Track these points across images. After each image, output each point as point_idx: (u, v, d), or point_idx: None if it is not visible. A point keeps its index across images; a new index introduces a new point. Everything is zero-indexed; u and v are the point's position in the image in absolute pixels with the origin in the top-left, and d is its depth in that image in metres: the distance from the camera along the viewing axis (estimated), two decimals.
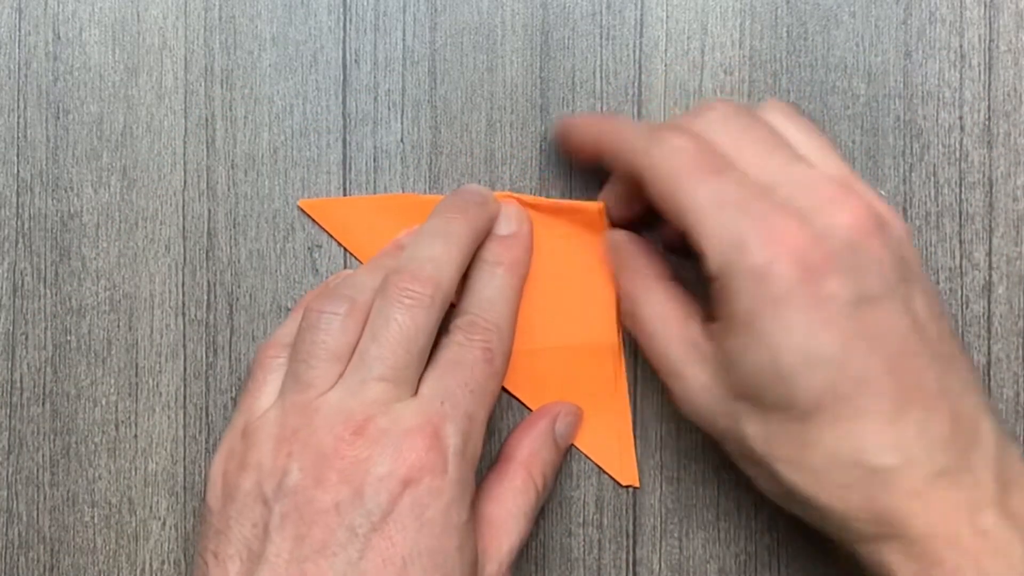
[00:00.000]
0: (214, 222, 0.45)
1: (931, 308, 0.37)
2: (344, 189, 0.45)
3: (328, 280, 0.44)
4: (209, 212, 0.45)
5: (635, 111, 0.44)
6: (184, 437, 0.45)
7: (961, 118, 0.44)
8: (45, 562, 0.44)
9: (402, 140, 0.45)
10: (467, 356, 0.40)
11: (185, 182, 0.45)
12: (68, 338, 0.45)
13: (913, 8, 0.44)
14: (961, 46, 0.44)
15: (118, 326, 0.45)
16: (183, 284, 0.45)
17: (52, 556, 0.44)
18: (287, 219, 0.45)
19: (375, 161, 0.45)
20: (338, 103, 0.45)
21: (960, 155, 0.44)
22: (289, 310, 0.44)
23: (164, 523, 0.44)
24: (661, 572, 0.44)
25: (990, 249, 0.44)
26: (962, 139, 0.44)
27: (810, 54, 0.44)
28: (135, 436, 0.45)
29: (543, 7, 0.45)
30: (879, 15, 0.44)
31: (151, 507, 0.45)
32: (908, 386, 0.36)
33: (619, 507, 0.44)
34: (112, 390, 0.45)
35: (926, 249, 0.44)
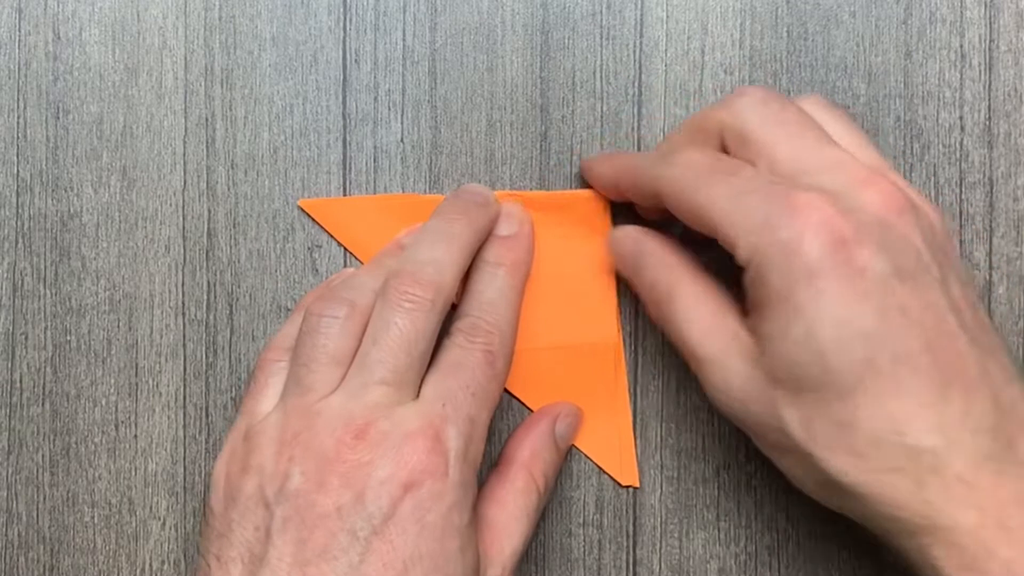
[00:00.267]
0: (214, 222, 0.45)
1: (967, 295, 0.36)
2: (344, 189, 0.45)
3: (330, 279, 0.44)
4: (209, 212, 0.45)
5: (635, 111, 0.44)
6: (184, 437, 0.45)
7: (961, 118, 0.44)
8: (45, 562, 0.44)
9: (402, 140, 0.45)
10: (468, 358, 0.40)
11: (185, 182, 0.45)
12: (68, 338, 0.45)
13: (913, 8, 0.44)
14: (961, 46, 0.44)
15: (118, 326, 0.45)
16: (183, 284, 0.45)
17: (52, 556, 0.44)
18: (287, 219, 0.45)
19: (375, 161, 0.45)
20: (338, 103, 0.45)
21: (960, 155, 0.44)
22: (289, 310, 0.44)
23: (164, 523, 0.44)
24: (661, 572, 0.44)
25: (990, 249, 0.44)
26: (962, 139, 0.44)
27: (810, 54, 0.44)
28: (135, 436, 0.45)
29: (543, 7, 0.45)
30: (879, 15, 0.44)
31: (151, 507, 0.45)
32: (949, 366, 0.34)
33: (619, 507, 0.44)
34: (112, 390, 0.45)
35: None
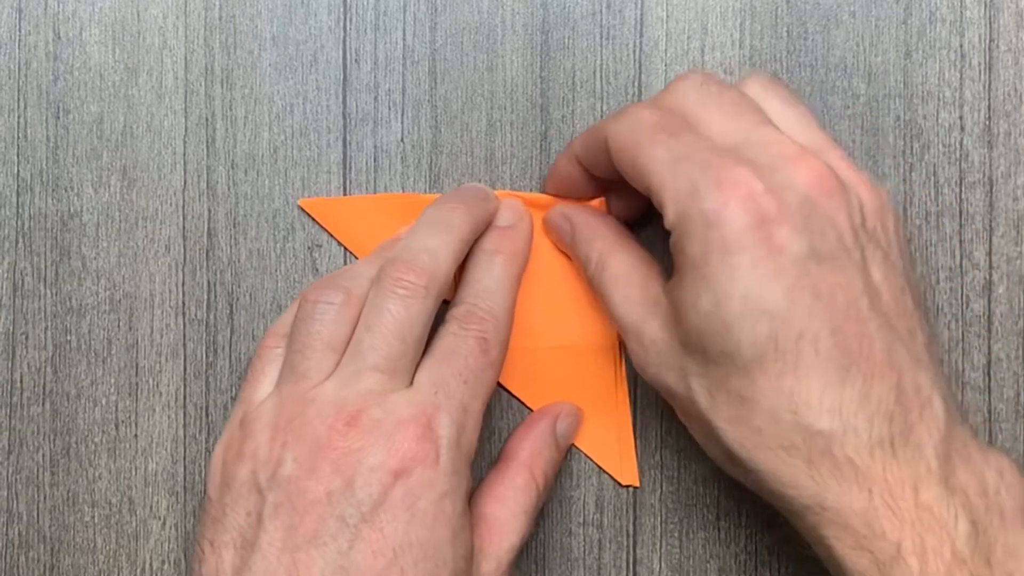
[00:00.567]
0: (214, 222, 0.45)
1: (891, 279, 0.37)
2: (344, 189, 0.45)
3: (330, 274, 0.44)
4: (209, 212, 0.45)
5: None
6: (184, 437, 0.45)
7: (961, 118, 0.44)
8: (45, 562, 0.44)
9: (402, 140, 0.45)
10: (462, 346, 0.40)
11: (185, 182, 0.45)
12: (68, 338, 0.45)
13: (913, 8, 0.44)
14: (961, 46, 0.44)
15: (118, 326, 0.45)
16: (183, 284, 0.45)
17: (52, 556, 0.44)
18: (287, 219, 0.45)
19: (375, 161, 0.45)
20: (338, 103, 0.45)
21: (960, 155, 0.44)
22: None
23: (164, 523, 0.44)
24: (661, 572, 0.44)
25: (990, 249, 0.44)
26: (962, 139, 0.44)
27: (810, 54, 0.44)
28: (135, 436, 0.45)
29: (543, 7, 0.45)
30: (879, 15, 0.44)
31: (151, 507, 0.45)
32: (852, 350, 0.35)
33: (619, 507, 0.44)
34: (112, 390, 0.45)
35: (926, 249, 0.44)
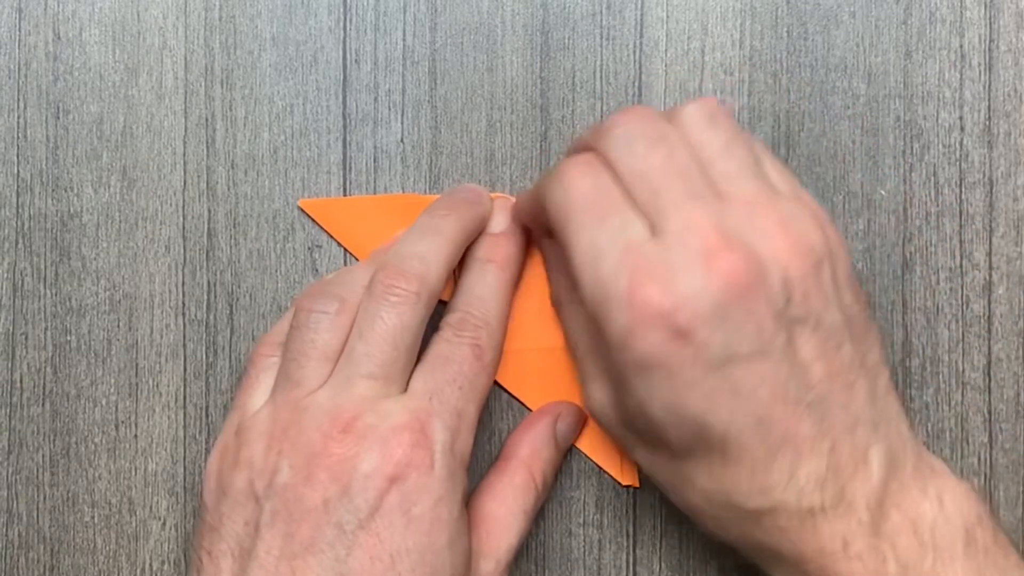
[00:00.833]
0: (214, 222, 0.45)
1: (821, 348, 0.36)
2: (344, 189, 0.45)
3: (324, 277, 0.44)
4: (209, 212, 0.45)
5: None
6: (184, 437, 0.45)
7: (961, 118, 0.44)
8: (45, 562, 0.44)
9: (402, 140, 0.45)
10: (456, 353, 0.40)
11: (185, 182, 0.45)
12: (68, 338, 0.45)
13: (913, 8, 0.44)
14: (961, 46, 0.44)
15: (118, 326, 0.45)
16: (183, 284, 0.45)
17: (52, 556, 0.44)
18: (287, 219, 0.45)
19: (375, 161, 0.45)
20: (338, 103, 0.45)
21: (960, 155, 0.44)
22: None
23: (164, 523, 0.44)
24: (661, 572, 0.44)
25: (990, 249, 0.44)
26: (962, 139, 0.44)
27: (810, 54, 0.44)
28: (135, 436, 0.45)
29: (543, 7, 0.45)
30: (879, 15, 0.44)
31: (151, 507, 0.45)
32: (778, 435, 0.36)
33: (619, 507, 0.44)
34: (112, 390, 0.45)
35: (926, 249, 0.44)
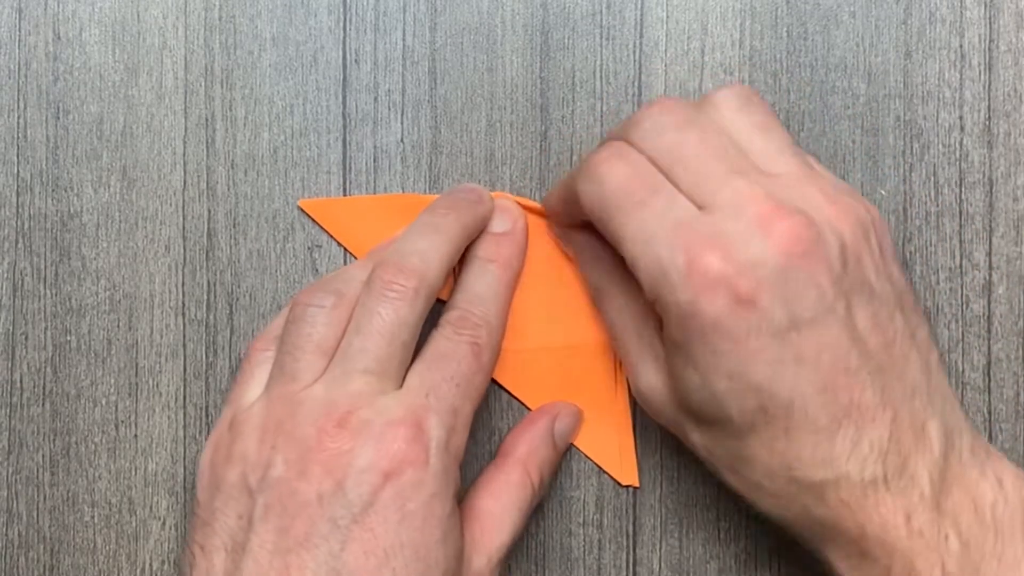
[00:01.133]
0: (214, 222, 0.45)
1: (876, 317, 0.36)
2: (344, 189, 0.45)
3: (323, 277, 0.44)
4: (209, 212, 0.45)
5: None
6: (184, 437, 0.45)
7: (961, 118, 0.44)
8: (45, 562, 0.44)
9: (402, 140, 0.45)
10: (455, 350, 0.40)
11: (185, 182, 0.45)
12: (68, 338, 0.45)
13: (913, 8, 0.44)
14: (961, 46, 0.44)
15: (118, 326, 0.45)
16: (183, 284, 0.45)
17: (52, 556, 0.44)
18: (287, 219, 0.45)
19: (375, 161, 0.45)
20: (338, 103, 0.45)
21: (960, 155, 0.44)
22: None
23: (164, 523, 0.44)
24: (661, 572, 0.44)
25: (990, 249, 0.44)
26: (962, 139, 0.44)
27: (810, 54, 0.44)
28: (135, 436, 0.45)
29: (543, 7, 0.45)
30: (879, 15, 0.44)
31: (151, 507, 0.45)
32: (842, 403, 0.36)
33: (619, 507, 0.44)
34: (112, 390, 0.45)
35: (926, 249, 0.44)
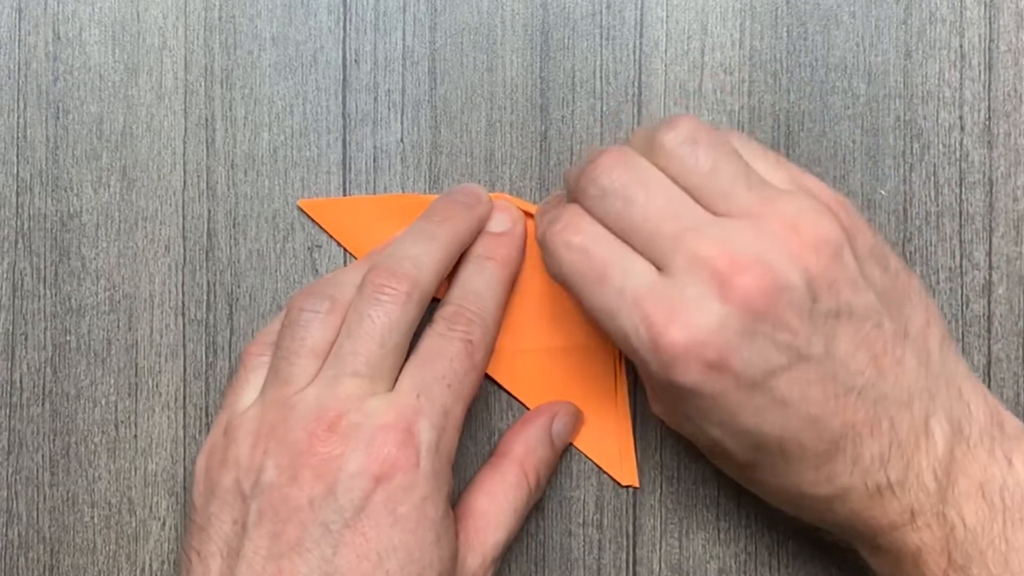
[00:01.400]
0: (214, 222, 0.45)
1: (859, 335, 0.36)
2: (344, 189, 0.45)
3: (319, 279, 0.44)
4: (209, 212, 0.45)
5: (635, 111, 0.44)
6: (184, 437, 0.45)
7: (961, 118, 0.44)
8: (45, 562, 0.44)
9: (402, 140, 0.45)
10: (447, 348, 0.39)
11: (185, 182, 0.45)
12: (68, 338, 0.45)
13: (913, 8, 0.44)
14: (961, 46, 0.44)
15: (118, 326, 0.45)
16: (183, 284, 0.45)
17: (52, 556, 0.44)
18: (287, 219, 0.45)
19: (375, 161, 0.45)
20: (338, 103, 0.45)
21: (960, 155, 0.44)
22: None
23: (164, 523, 0.44)
24: (661, 572, 0.44)
25: (990, 249, 0.44)
26: (962, 139, 0.44)
27: (810, 54, 0.44)
28: (135, 436, 0.45)
29: (543, 7, 0.45)
30: (879, 15, 0.44)
31: (151, 507, 0.45)
32: (835, 428, 0.36)
33: (619, 507, 0.44)
34: (112, 390, 0.45)
35: (926, 249, 0.44)
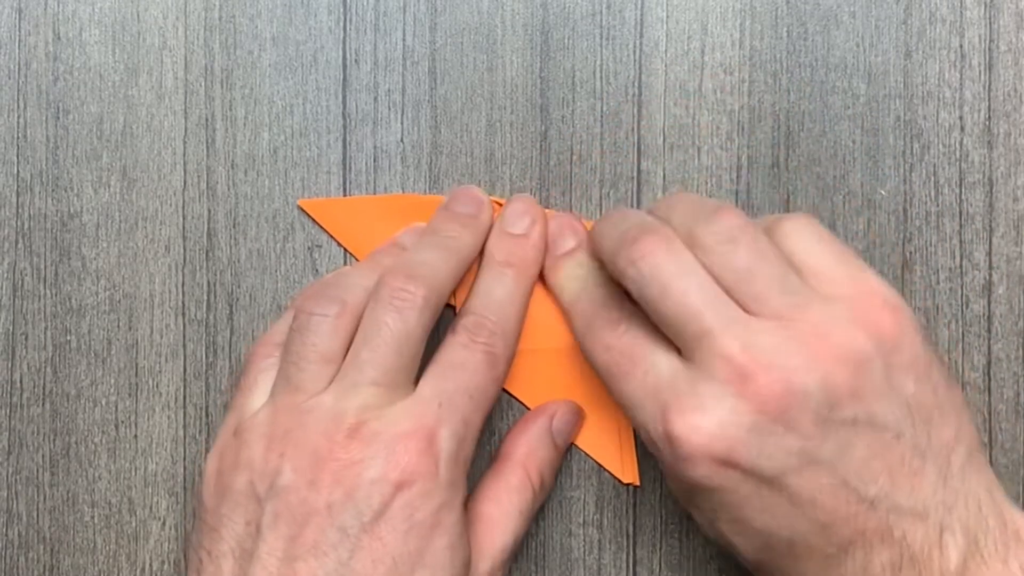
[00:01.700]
0: (214, 222, 0.45)
1: (876, 445, 0.36)
2: (344, 189, 0.45)
3: (323, 278, 0.44)
4: (209, 212, 0.45)
5: (635, 111, 0.44)
6: (184, 437, 0.45)
7: (961, 118, 0.44)
8: (45, 562, 0.44)
9: (402, 140, 0.45)
10: (470, 359, 0.40)
11: (185, 182, 0.45)
12: (68, 338, 0.45)
13: (913, 8, 0.44)
14: (961, 46, 0.44)
15: (118, 326, 0.45)
16: (183, 284, 0.45)
17: (52, 556, 0.44)
18: (287, 219, 0.45)
19: (375, 161, 0.45)
20: (338, 103, 0.45)
21: (960, 155, 0.44)
22: None
23: (164, 523, 0.44)
24: (661, 572, 0.44)
25: (990, 249, 0.44)
26: (962, 139, 0.44)
27: (810, 54, 0.44)
28: (135, 436, 0.45)
29: (543, 7, 0.45)
30: (879, 15, 0.44)
31: (151, 507, 0.45)
32: (846, 535, 0.36)
33: (619, 507, 0.44)
34: (112, 390, 0.45)
35: (926, 249, 0.44)
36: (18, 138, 0.45)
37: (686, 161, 0.44)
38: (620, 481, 0.44)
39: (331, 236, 0.44)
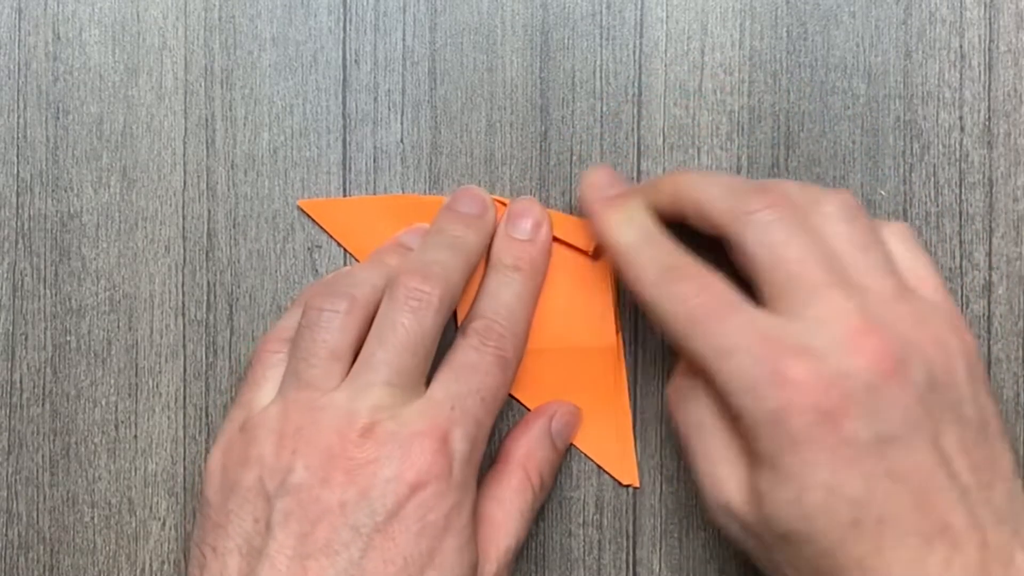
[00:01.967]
0: (214, 222, 0.45)
1: (963, 442, 0.36)
2: (344, 189, 0.45)
3: (326, 277, 0.44)
4: (209, 212, 0.45)
5: (635, 111, 0.44)
6: (184, 437, 0.45)
7: (961, 118, 0.44)
8: (45, 562, 0.44)
9: (402, 140, 0.45)
10: (482, 362, 0.40)
11: (185, 182, 0.45)
12: (68, 338, 0.45)
13: (913, 8, 0.44)
14: (961, 46, 0.44)
15: (118, 326, 0.45)
16: (183, 284, 0.45)
17: (52, 556, 0.44)
18: (287, 219, 0.45)
19: (375, 161, 0.45)
20: (338, 103, 0.45)
21: (960, 155, 0.44)
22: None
23: (164, 523, 0.44)
24: (661, 572, 0.44)
25: (990, 249, 0.44)
26: (962, 139, 0.44)
27: (810, 54, 0.44)
28: (135, 436, 0.45)
29: (543, 7, 0.45)
30: (879, 15, 0.44)
31: (151, 507, 0.45)
32: (935, 523, 0.35)
33: (619, 507, 0.44)
34: (112, 390, 0.45)
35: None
36: (18, 138, 0.45)
37: (686, 161, 0.44)
38: (619, 482, 0.44)
39: (331, 236, 0.44)
